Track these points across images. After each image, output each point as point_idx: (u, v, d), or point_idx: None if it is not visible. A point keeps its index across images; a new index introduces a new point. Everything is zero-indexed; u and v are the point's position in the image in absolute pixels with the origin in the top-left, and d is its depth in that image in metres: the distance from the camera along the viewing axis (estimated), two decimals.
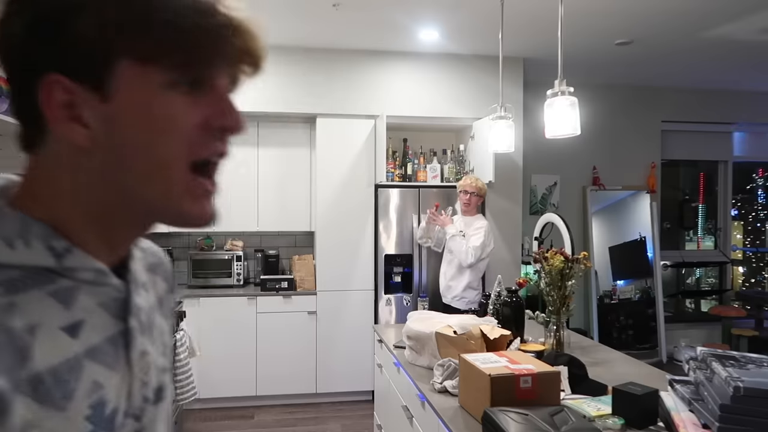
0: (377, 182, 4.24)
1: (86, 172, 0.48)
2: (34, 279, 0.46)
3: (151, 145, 0.47)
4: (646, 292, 5.40)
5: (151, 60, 0.45)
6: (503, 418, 1.45)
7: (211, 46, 0.47)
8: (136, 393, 0.52)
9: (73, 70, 0.45)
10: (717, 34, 3.90)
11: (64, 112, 0.46)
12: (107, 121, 0.46)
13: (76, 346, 0.47)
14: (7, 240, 0.45)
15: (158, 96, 0.46)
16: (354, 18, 3.60)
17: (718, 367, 1.42)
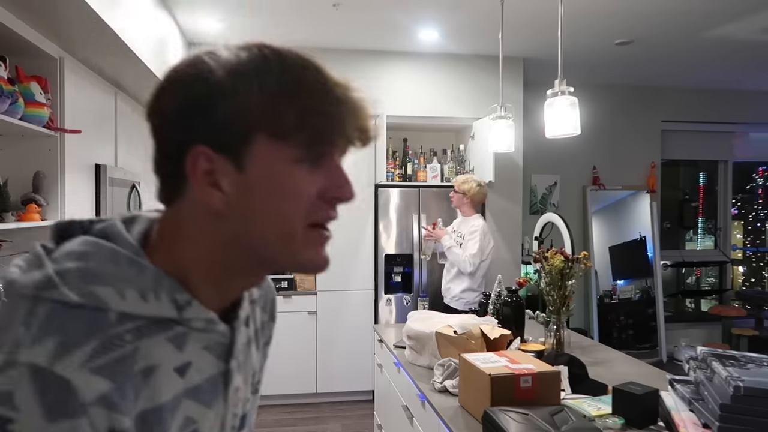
0: (377, 182, 4.24)
1: (217, 231, 0.54)
2: (158, 326, 0.52)
3: (278, 210, 0.53)
4: (646, 291, 5.41)
5: (283, 138, 0.52)
6: (503, 418, 1.45)
7: (335, 129, 0.53)
8: (229, 423, 0.60)
9: (216, 143, 0.52)
10: (717, 33, 3.90)
11: (206, 178, 0.52)
12: (241, 188, 0.52)
13: (180, 386, 0.53)
14: (142, 293, 0.51)
15: (287, 169, 0.53)
16: (354, 18, 3.60)
17: (718, 367, 1.42)
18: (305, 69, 0.53)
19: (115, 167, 3.02)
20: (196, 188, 0.52)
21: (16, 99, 1.96)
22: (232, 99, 0.51)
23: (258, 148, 0.52)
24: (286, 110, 0.51)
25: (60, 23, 2.16)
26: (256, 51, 0.53)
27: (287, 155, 0.52)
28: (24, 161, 2.27)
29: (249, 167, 0.52)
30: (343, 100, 0.53)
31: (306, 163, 0.53)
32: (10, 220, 2.04)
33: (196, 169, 0.52)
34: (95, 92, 2.82)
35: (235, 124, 0.51)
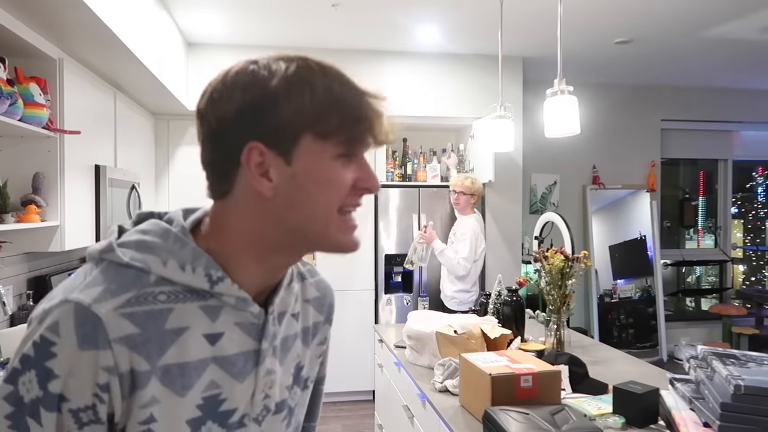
0: None
1: (263, 215, 0.63)
2: (193, 295, 0.62)
3: (318, 197, 0.62)
4: (647, 290, 5.40)
5: (327, 138, 0.61)
6: (504, 418, 1.45)
7: (369, 131, 0.63)
8: (258, 401, 0.67)
9: (268, 139, 0.61)
10: (717, 32, 3.90)
11: (258, 169, 0.61)
12: (288, 179, 0.62)
13: (209, 352, 0.62)
14: (182, 264, 0.62)
15: (329, 164, 0.62)
16: (353, 18, 3.60)
17: (718, 366, 1.42)
18: (344, 80, 0.63)
19: (114, 168, 3.02)
20: (250, 178, 0.61)
21: (16, 100, 1.96)
22: (286, 104, 0.60)
23: (304, 146, 0.61)
24: (330, 115, 0.61)
25: (59, 24, 2.16)
26: (302, 63, 0.62)
27: (329, 152, 0.62)
28: (23, 162, 2.27)
29: (295, 161, 0.61)
30: (375, 107, 0.64)
31: (343, 159, 0.63)
32: (10, 221, 2.04)
33: (250, 161, 0.61)
34: (95, 93, 2.82)
35: (287, 125, 0.60)
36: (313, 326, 0.78)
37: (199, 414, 0.62)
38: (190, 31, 3.81)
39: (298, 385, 0.75)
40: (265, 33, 3.84)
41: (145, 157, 3.88)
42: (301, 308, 0.77)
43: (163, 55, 3.23)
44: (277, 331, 0.69)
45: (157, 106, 3.85)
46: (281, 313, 0.71)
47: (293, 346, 0.74)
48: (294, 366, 0.74)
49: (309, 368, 0.78)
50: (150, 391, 0.58)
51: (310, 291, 0.79)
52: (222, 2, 3.32)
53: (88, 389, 0.55)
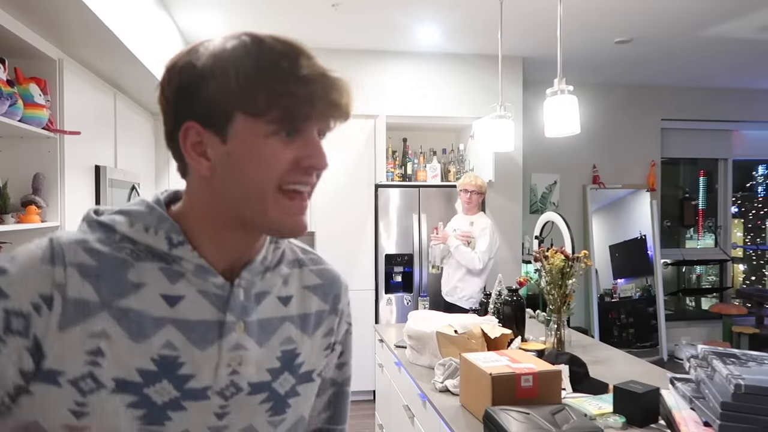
0: (377, 182, 4.24)
1: (208, 192, 0.65)
2: (154, 257, 0.64)
3: (251, 176, 0.62)
4: (647, 290, 5.40)
5: (256, 115, 0.60)
6: (504, 417, 1.45)
7: (303, 107, 0.60)
8: (222, 375, 0.65)
9: (204, 119, 0.61)
10: (716, 32, 3.90)
11: (195, 148, 0.62)
12: (224, 157, 0.62)
13: (167, 312, 0.62)
14: (146, 227, 0.64)
15: (260, 141, 0.61)
16: (353, 18, 3.60)
17: (719, 365, 1.42)
18: (277, 55, 0.60)
19: (114, 168, 3.02)
20: (187, 157, 0.63)
21: (16, 101, 1.96)
22: (213, 83, 0.60)
23: (237, 124, 0.60)
24: (257, 92, 0.59)
25: (59, 25, 2.16)
26: (238, 39, 0.61)
27: (261, 130, 0.60)
28: (23, 163, 2.27)
29: (230, 140, 0.61)
30: (311, 82, 0.60)
31: (280, 136, 0.61)
32: (10, 221, 2.04)
33: (186, 141, 0.62)
34: (94, 93, 2.82)
35: (217, 103, 0.60)
36: (316, 314, 0.76)
37: (153, 368, 0.61)
38: (190, 31, 3.81)
39: (291, 373, 0.72)
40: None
41: (145, 158, 3.88)
42: (299, 294, 0.75)
43: (163, 56, 3.23)
44: (249, 307, 0.68)
45: (156, 106, 3.82)
46: (260, 293, 0.70)
47: (280, 330, 0.71)
48: (282, 350, 0.71)
49: (311, 359, 0.75)
50: (99, 323, 0.59)
51: (309, 278, 0.77)
52: (222, 2, 3.32)
53: (31, 295, 0.57)
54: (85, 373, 0.58)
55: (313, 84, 0.60)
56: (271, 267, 0.72)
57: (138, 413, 0.60)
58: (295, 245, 0.79)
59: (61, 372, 0.58)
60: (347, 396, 0.84)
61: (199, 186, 0.65)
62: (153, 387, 0.61)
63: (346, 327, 0.81)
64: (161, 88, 0.65)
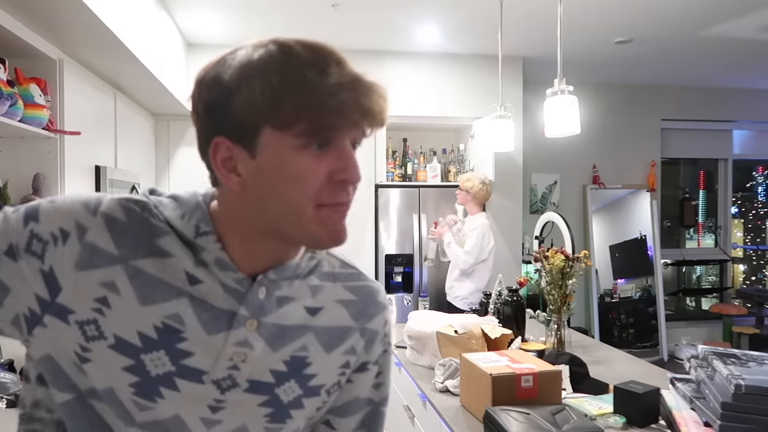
0: (377, 182, 4.24)
1: (239, 206, 0.63)
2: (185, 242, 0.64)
3: (286, 192, 0.60)
4: (647, 290, 5.40)
5: (284, 128, 0.58)
6: (505, 417, 1.45)
7: (333, 118, 0.58)
8: (221, 367, 0.63)
9: (232, 134, 0.60)
10: (716, 32, 3.90)
11: (226, 164, 0.61)
12: (254, 173, 0.60)
13: (185, 287, 0.62)
14: (183, 213, 0.64)
15: (291, 155, 0.59)
16: (353, 18, 3.60)
17: (719, 365, 1.42)
18: (304, 63, 0.58)
19: (115, 169, 3.02)
20: (218, 173, 0.62)
21: (16, 101, 1.96)
22: (240, 96, 0.58)
23: (266, 138, 0.59)
24: (283, 104, 0.57)
25: (59, 25, 2.16)
26: (265, 48, 0.60)
27: (290, 144, 0.58)
28: (24, 163, 2.27)
29: (259, 155, 0.59)
30: (339, 91, 0.58)
31: (311, 149, 0.59)
32: None
33: (216, 157, 0.61)
34: (95, 94, 2.82)
35: (244, 117, 0.58)
36: (341, 330, 0.73)
37: (154, 335, 0.61)
38: (190, 32, 3.81)
39: (299, 382, 0.69)
40: (265, 33, 3.74)
41: (146, 158, 3.88)
42: (329, 307, 0.72)
43: (163, 56, 3.23)
44: (268, 307, 0.66)
45: (157, 106, 3.85)
46: (284, 298, 0.68)
47: (300, 339, 0.69)
48: (292, 357, 0.68)
49: (324, 374, 0.71)
50: (111, 275, 0.60)
51: (342, 293, 0.74)
52: (222, 2, 3.32)
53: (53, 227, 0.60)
54: (90, 319, 0.60)
55: (342, 93, 0.58)
56: (302, 276, 0.70)
57: (132, 380, 0.60)
58: (335, 258, 0.77)
59: (72, 311, 0.60)
60: (383, 416, 0.81)
61: (230, 198, 0.64)
62: (149, 354, 0.61)
63: (382, 348, 0.78)
64: (192, 103, 0.64)
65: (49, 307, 0.60)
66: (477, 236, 3.46)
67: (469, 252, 3.45)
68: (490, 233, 3.55)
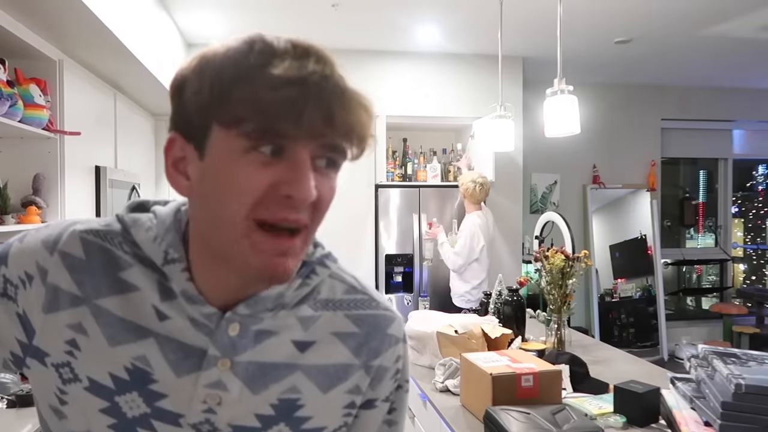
0: (377, 182, 4.24)
1: (192, 218, 0.59)
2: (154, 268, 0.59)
3: (221, 199, 0.53)
4: (647, 290, 5.40)
5: (231, 127, 0.51)
6: (505, 417, 1.45)
7: (281, 119, 0.49)
8: (196, 410, 0.58)
9: (185, 131, 0.55)
10: (716, 31, 3.90)
11: (177, 165, 0.56)
12: (200, 176, 0.54)
13: (154, 324, 0.57)
14: (156, 236, 0.59)
15: (233, 158, 0.51)
16: (353, 18, 3.60)
17: (719, 365, 1.42)
18: (267, 56, 0.50)
19: (115, 169, 3.02)
20: (166, 174, 0.57)
21: (16, 101, 1.96)
22: (191, 89, 0.53)
23: (214, 137, 0.52)
24: (229, 98, 0.50)
25: (59, 25, 2.16)
26: (238, 40, 0.53)
27: (235, 145, 0.51)
28: (24, 163, 2.27)
29: (207, 156, 0.53)
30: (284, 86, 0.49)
31: (259, 154, 0.51)
32: (11, 222, 2.05)
33: (168, 155, 0.56)
34: (95, 94, 2.82)
35: (194, 113, 0.53)
36: (340, 368, 0.63)
37: (125, 377, 0.57)
38: (190, 32, 3.81)
39: (290, 426, 0.61)
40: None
41: (146, 158, 3.88)
42: (324, 341, 0.63)
43: (163, 56, 3.23)
44: (243, 344, 0.58)
45: (157, 106, 3.85)
46: (263, 332, 0.59)
47: (286, 379, 0.60)
48: (279, 399, 0.60)
49: (322, 417, 0.62)
50: (77, 316, 0.57)
51: (341, 324, 0.64)
52: (222, 2, 3.32)
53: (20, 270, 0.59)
54: (64, 362, 0.57)
55: (289, 89, 0.49)
56: (289, 306, 0.61)
57: (110, 421, 0.57)
58: (339, 281, 0.67)
59: (47, 353, 0.58)
60: None
61: (190, 210, 0.59)
62: (123, 396, 0.57)
63: (394, 384, 0.68)
64: None
65: (28, 350, 0.59)
66: (465, 237, 3.51)
67: (458, 253, 3.49)
68: (479, 233, 3.54)
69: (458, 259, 3.48)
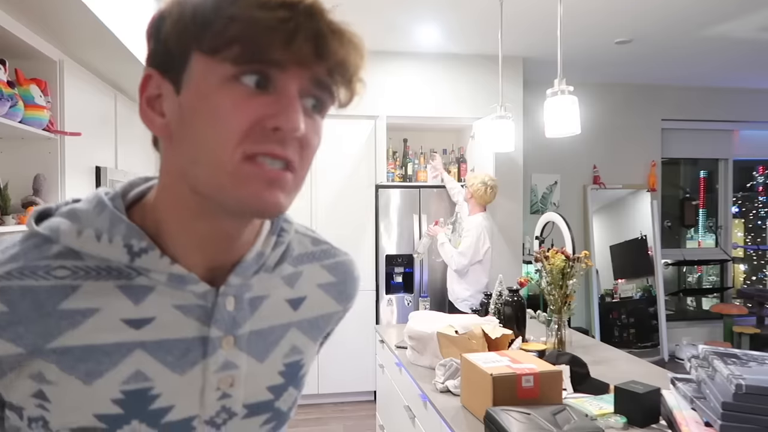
0: (378, 182, 4.24)
1: (169, 164, 0.52)
2: (111, 272, 0.51)
3: (205, 135, 0.48)
4: (648, 290, 5.40)
5: (214, 53, 0.47)
6: (505, 418, 1.45)
7: (274, 45, 0.46)
8: (211, 401, 0.54)
9: (162, 65, 0.50)
10: (716, 32, 3.90)
11: (152, 103, 0.51)
12: (177, 112, 0.49)
13: (132, 335, 0.51)
14: (98, 234, 0.50)
15: (216, 87, 0.47)
16: (353, 18, 3.57)
17: (719, 365, 1.42)
18: None
19: (115, 169, 3.02)
20: (141, 115, 0.51)
21: (16, 102, 1.96)
22: (170, 18, 0.49)
23: (194, 68, 0.48)
24: (214, 21, 0.46)
25: (60, 26, 2.16)
26: None
27: (218, 73, 0.47)
28: (24, 164, 2.27)
29: (184, 89, 0.49)
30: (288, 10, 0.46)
31: (244, 84, 0.47)
32: (11, 223, 2.05)
33: (143, 94, 0.51)
34: (95, 94, 2.83)
35: (172, 41, 0.49)
36: (327, 317, 0.66)
37: (118, 411, 0.50)
38: None
39: (295, 386, 0.62)
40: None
41: (146, 159, 3.88)
42: (313, 295, 0.64)
43: None
44: (241, 317, 0.56)
45: None
46: (256, 298, 0.58)
47: (285, 339, 0.60)
48: (286, 364, 0.60)
49: (308, 362, 0.65)
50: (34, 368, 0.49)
51: (320, 275, 0.65)
52: None
53: None
54: (38, 416, 0.50)
55: (283, 11, 0.45)
56: (270, 267, 0.60)
57: None
58: (303, 235, 0.66)
59: (21, 408, 0.51)
60: None
61: (164, 158, 0.53)
62: (121, 430, 0.50)
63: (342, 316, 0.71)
64: None
65: (4, 404, 0.52)
66: (472, 237, 3.47)
67: (463, 253, 3.46)
68: (486, 234, 3.54)
69: (463, 259, 3.46)
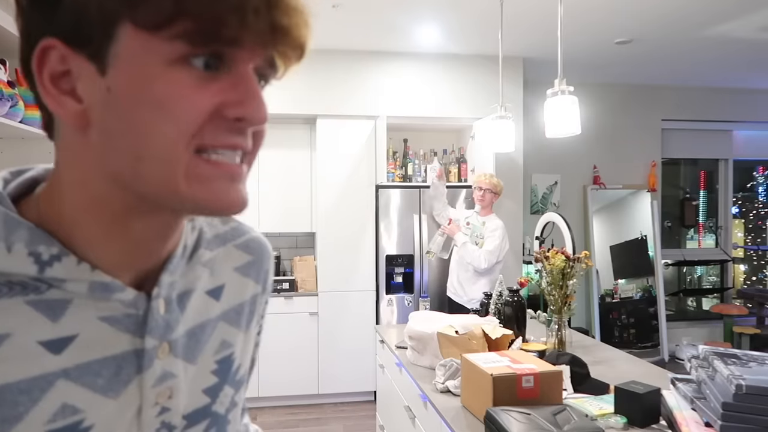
0: (378, 183, 4.24)
1: (86, 158, 0.42)
2: (13, 287, 0.41)
3: (148, 127, 0.39)
4: (648, 290, 5.40)
5: (156, 28, 0.38)
6: (505, 418, 1.45)
7: (227, 16, 0.38)
8: (150, 420, 0.47)
9: (71, 35, 0.39)
10: (717, 32, 3.90)
11: (58, 83, 0.41)
12: (103, 97, 0.40)
13: (52, 364, 0.42)
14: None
15: (163, 71, 0.39)
16: (353, 18, 3.61)
17: (720, 366, 1.42)
18: None
19: None
20: (44, 96, 0.41)
21: (16, 102, 1.96)
22: None
23: (125, 42, 0.38)
24: None
25: None
26: None
27: (162, 53, 0.38)
28: (24, 164, 2.27)
29: (113, 68, 0.39)
30: None
31: (193, 66, 0.39)
32: None
33: (42, 71, 0.40)
34: None
35: (91, 8, 0.38)
36: (251, 301, 0.59)
37: None
38: None
39: (231, 385, 0.55)
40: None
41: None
42: (231, 280, 0.57)
43: None
44: (175, 319, 0.49)
45: None
46: (183, 294, 0.51)
47: (213, 335, 0.53)
48: (217, 361, 0.54)
49: (244, 358, 0.59)
50: None
51: (237, 256, 0.58)
52: None
53: None
54: None
55: None
56: (188, 256, 0.52)
57: None
58: None
59: None
60: None
61: (72, 149, 0.43)
62: None
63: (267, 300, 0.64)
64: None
65: None
66: (499, 237, 3.46)
67: (492, 251, 3.43)
68: (506, 235, 3.56)
69: (492, 257, 3.42)
